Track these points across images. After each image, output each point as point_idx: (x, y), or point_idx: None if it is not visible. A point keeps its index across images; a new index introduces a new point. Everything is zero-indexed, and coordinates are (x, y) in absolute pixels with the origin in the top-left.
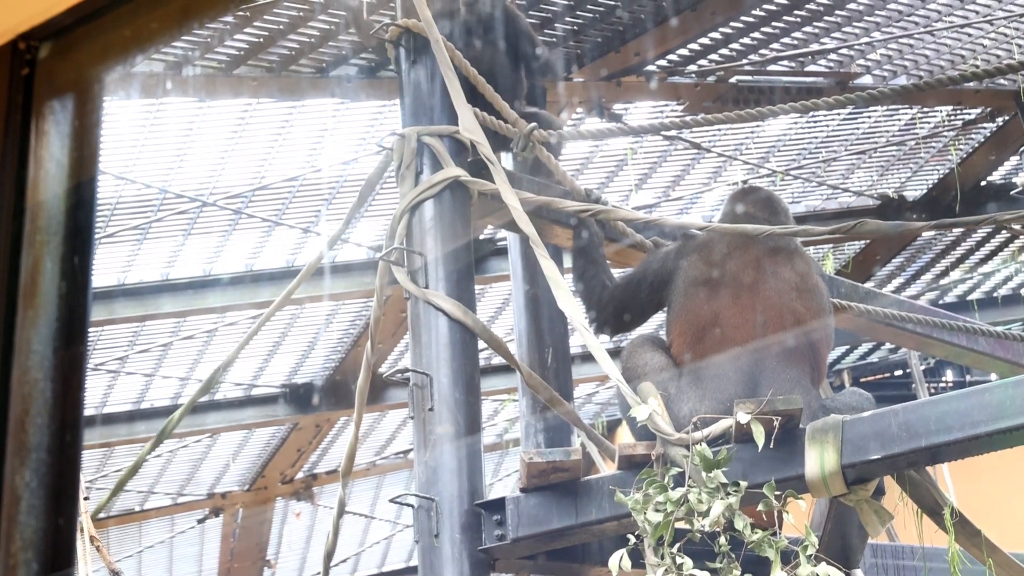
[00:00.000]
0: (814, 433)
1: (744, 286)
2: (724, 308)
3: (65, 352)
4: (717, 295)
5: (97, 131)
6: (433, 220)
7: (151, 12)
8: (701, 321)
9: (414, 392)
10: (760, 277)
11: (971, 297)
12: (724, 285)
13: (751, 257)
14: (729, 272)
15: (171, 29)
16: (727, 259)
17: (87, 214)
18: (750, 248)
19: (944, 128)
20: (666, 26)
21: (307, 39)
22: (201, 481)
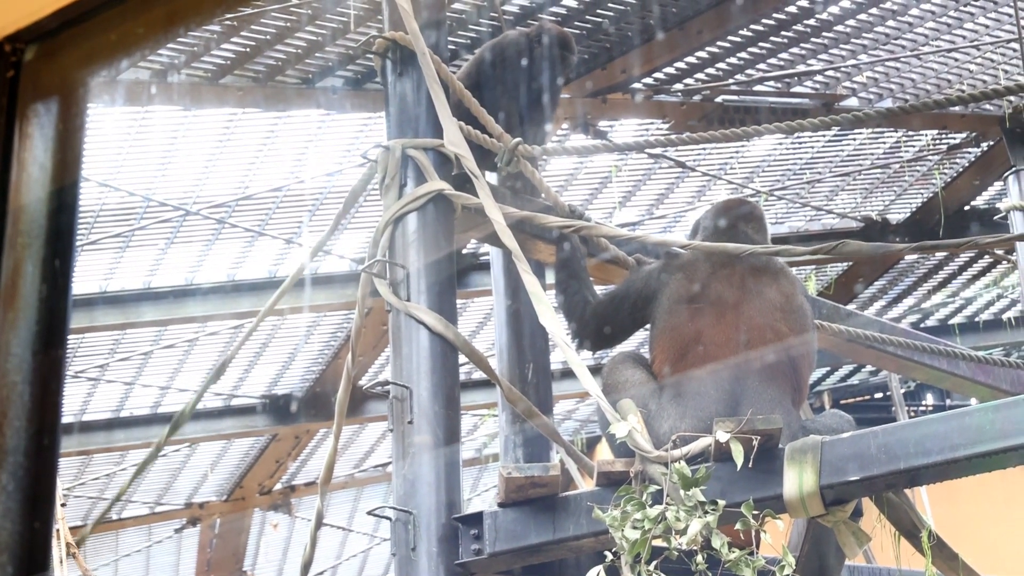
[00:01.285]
0: (793, 453)
1: (728, 305)
2: (708, 327)
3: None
4: (701, 313)
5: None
6: (416, 233)
7: (137, 17)
8: (684, 339)
9: (394, 404)
10: (745, 296)
11: (953, 321)
12: (709, 303)
13: (736, 276)
14: (714, 291)
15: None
16: (712, 278)
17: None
18: (736, 266)
19: (929, 152)
20: (653, 44)
21: (294, 50)
22: (179, 490)
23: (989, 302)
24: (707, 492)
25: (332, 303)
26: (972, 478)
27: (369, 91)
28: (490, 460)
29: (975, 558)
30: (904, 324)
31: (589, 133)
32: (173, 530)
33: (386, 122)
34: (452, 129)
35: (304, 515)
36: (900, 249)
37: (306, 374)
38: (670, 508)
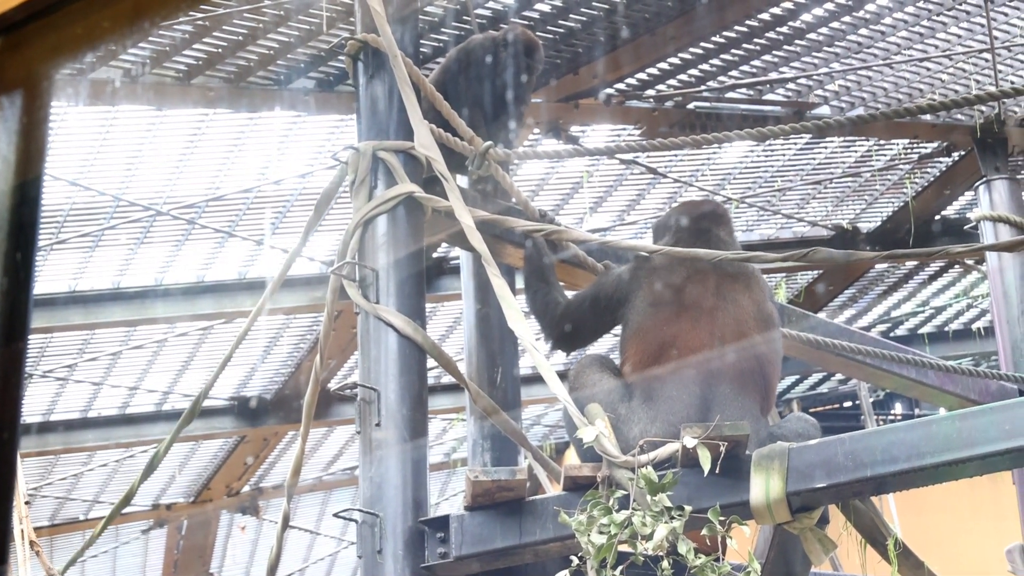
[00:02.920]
0: (760, 460)
1: (703, 310)
2: (682, 331)
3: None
4: (676, 318)
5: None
6: (386, 236)
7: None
8: (657, 342)
9: (361, 407)
10: (719, 303)
11: (922, 331)
12: (683, 308)
13: (711, 281)
14: (689, 295)
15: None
16: (687, 282)
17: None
18: (710, 271)
19: (900, 161)
20: (625, 50)
21: (265, 51)
22: (146, 491)
23: (959, 312)
24: (674, 498)
25: (301, 305)
26: (939, 487)
27: (340, 93)
28: (458, 464)
29: (941, 566)
30: (874, 333)
31: (561, 138)
32: (140, 531)
33: (357, 124)
34: (423, 132)
35: (272, 517)
36: (870, 257)
37: (275, 376)
38: (636, 513)
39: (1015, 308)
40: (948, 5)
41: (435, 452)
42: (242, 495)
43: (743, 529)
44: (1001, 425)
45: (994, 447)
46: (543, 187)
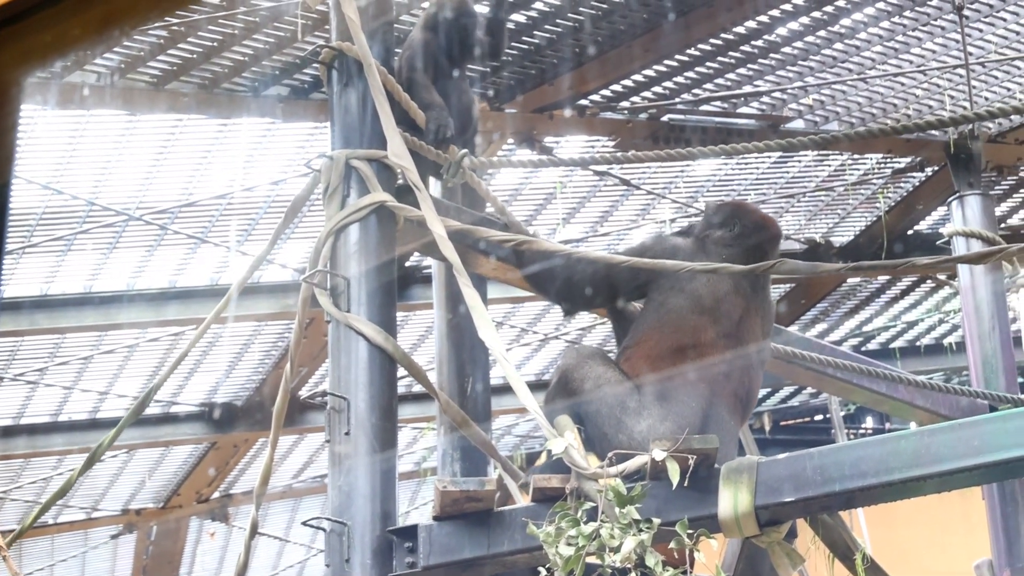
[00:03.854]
0: (729, 473)
1: (733, 321)
2: (712, 337)
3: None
4: (707, 325)
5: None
6: (358, 244)
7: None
8: (679, 342)
9: (331, 415)
10: (743, 324)
11: (894, 345)
12: (716, 319)
13: (742, 301)
14: (724, 307)
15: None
16: (726, 293)
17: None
18: (747, 291)
19: (873, 176)
20: (599, 61)
21: (240, 57)
22: (116, 496)
23: (930, 327)
24: (642, 510)
25: (274, 312)
26: (909, 502)
27: (314, 101)
28: (428, 474)
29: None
30: (845, 347)
31: (534, 148)
32: (109, 536)
33: (330, 132)
34: (396, 141)
35: (241, 524)
36: (837, 269)
37: (246, 383)
38: (605, 525)
39: (986, 323)
40: (923, 21)
41: (405, 461)
42: (212, 501)
43: (711, 542)
44: (970, 441)
45: (963, 463)
46: (516, 197)
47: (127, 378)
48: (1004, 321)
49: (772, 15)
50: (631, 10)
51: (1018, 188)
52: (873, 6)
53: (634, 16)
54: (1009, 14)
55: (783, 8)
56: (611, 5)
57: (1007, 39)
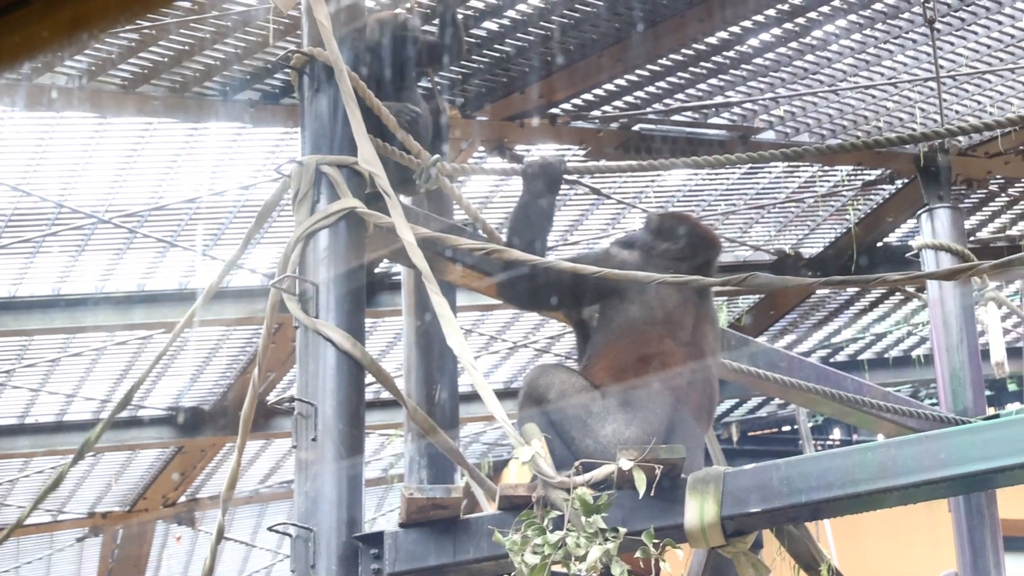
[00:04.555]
0: (695, 483)
1: (688, 330)
2: (672, 346)
3: None
4: (670, 331)
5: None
6: (327, 250)
7: (41, 20)
8: (640, 353)
9: (298, 421)
10: (697, 332)
11: (862, 357)
12: (672, 328)
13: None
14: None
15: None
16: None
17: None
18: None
19: (844, 187)
20: (570, 71)
21: (212, 61)
22: (82, 499)
23: (899, 339)
24: (608, 519)
25: (243, 317)
26: (876, 514)
27: (285, 106)
28: (395, 480)
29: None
30: (814, 358)
31: (505, 157)
32: (75, 539)
33: (301, 137)
34: (367, 147)
35: (208, 529)
36: (809, 283)
37: (214, 387)
38: (571, 534)
39: (954, 336)
40: (894, 34)
41: (372, 468)
42: (178, 506)
43: (677, 552)
44: (936, 454)
45: (929, 475)
46: (487, 205)
47: (94, 381)
48: (972, 334)
49: (744, 26)
50: (602, 19)
51: (987, 201)
52: (845, 18)
53: (605, 26)
54: (980, 27)
55: (755, 19)
56: (582, 14)
57: (978, 52)
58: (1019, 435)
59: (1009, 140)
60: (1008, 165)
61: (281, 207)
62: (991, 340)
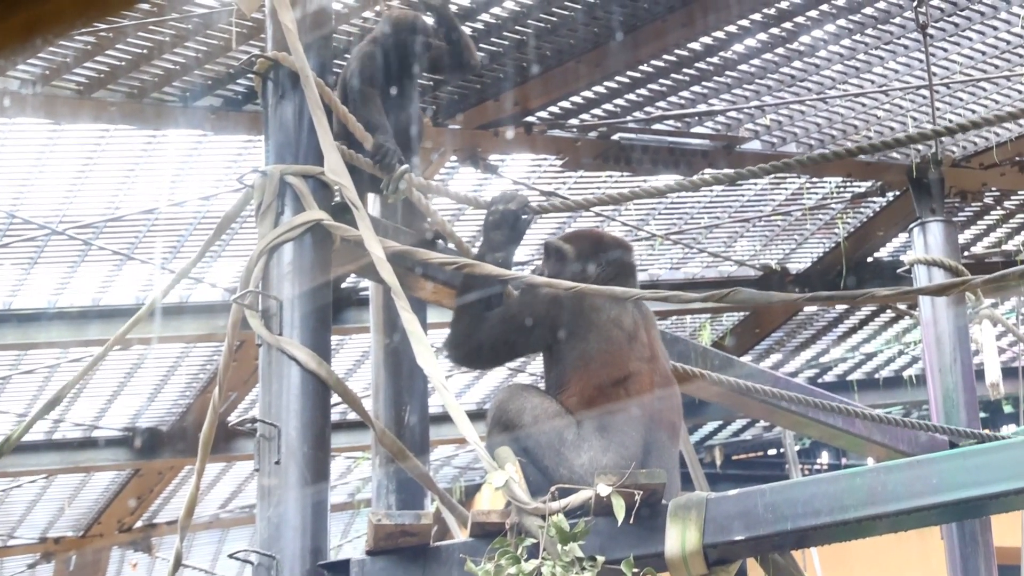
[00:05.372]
0: (676, 509)
1: (647, 345)
2: (638, 366)
3: None
4: (633, 350)
5: None
6: (292, 264)
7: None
8: (615, 373)
9: (261, 443)
10: (654, 345)
11: (851, 377)
12: (636, 343)
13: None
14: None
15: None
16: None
17: None
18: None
19: (832, 200)
20: (545, 77)
21: (171, 66)
22: (33, 524)
23: (890, 359)
24: (585, 547)
25: (203, 334)
26: (865, 542)
27: (248, 113)
28: (362, 505)
29: None
30: (801, 379)
31: (478, 166)
32: (26, 565)
33: (265, 146)
34: (334, 157)
35: (165, 555)
36: (794, 299)
37: (172, 407)
38: (546, 563)
39: (947, 356)
40: (885, 39)
41: (338, 492)
42: (134, 531)
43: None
44: (928, 479)
45: (920, 502)
46: (459, 217)
47: (47, 399)
48: (966, 353)
49: (728, 31)
50: (579, 24)
51: (982, 215)
52: (834, 23)
53: (583, 30)
54: (975, 33)
55: (739, 24)
56: (559, 18)
57: (972, 59)
58: (1014, 459)
59: (1004, 151)
60: (1004, 177)
61: (244, 219)
62: (986, 360)
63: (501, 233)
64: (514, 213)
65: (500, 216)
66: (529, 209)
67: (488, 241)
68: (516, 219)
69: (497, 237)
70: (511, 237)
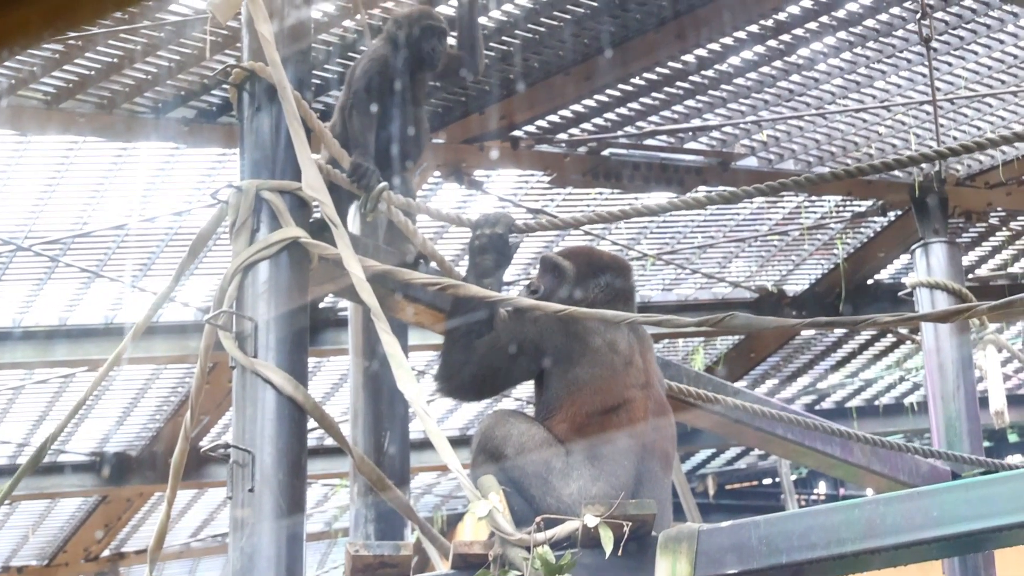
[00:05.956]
0: (667, 542)
1: (642, 370)
2: (634, 392)
3: None
4: (629, 375)
5: None
6: (267, 283)
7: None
8: (613, 397)
9: (234, 470)
10: (649, 370)
11: (850, 404)
12: (632, 367)
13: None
14: (632, 354)
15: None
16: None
17: None
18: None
19: (831, 219)
20: (534, 90)
21: (143, 76)
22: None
23: (891, 385)
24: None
25: (173, 355)
26: None
27: (223, 125)
28: (339, 535)
29: None
30: (797, 405)
31: (463, 182)
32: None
33: (240, 160)
34: (311, 172)
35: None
36: (793, 324)
37: (142, 431)
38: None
39: (951, 383)
40: (887, 53)
41: (315, 521)
42: (101, 560)
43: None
44: (928, 511)
45: (921, 535)
46: (443, 235)
47: (11, 423)
48: (970, 380)
49: (724, 43)
50: (568, 35)
51: (987, 236)
52: (833, 36)
53: (572, 42)
54: (980, 47)
55: (736, 36)
56: (548, 29)
57: (978, 74)
58: (1019, 491)
59: (1011, 169)
60: (1010, 196)
61: (218, 235)
62: (990, 387)
63: (489, 257)
64: (501, 237)
65: (488, 240)
66: (516, 230)
67: (475, 266)
68: (504, 242)
69: (485, 262)
70: (499, 261)
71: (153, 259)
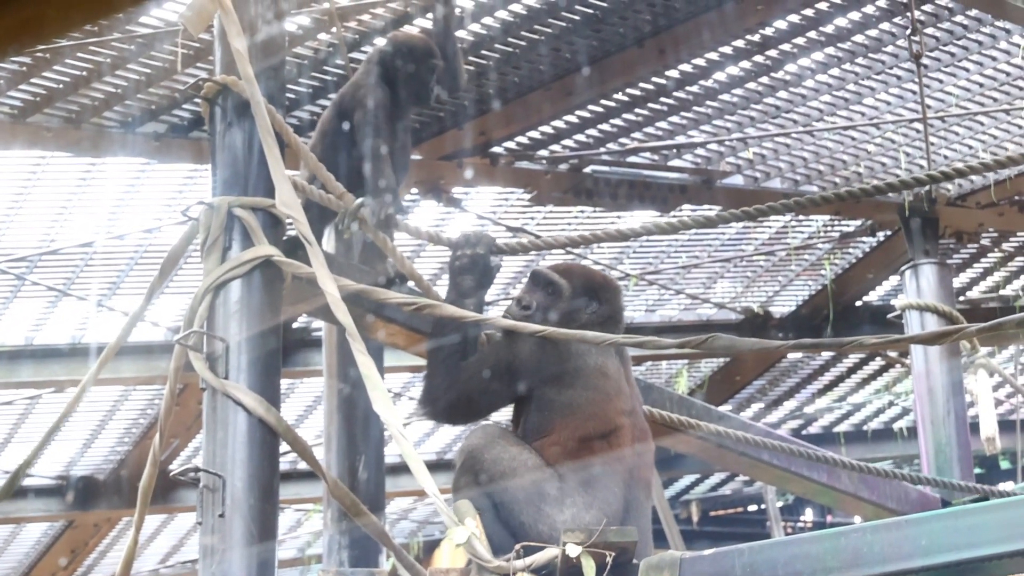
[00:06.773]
0: (648, 570)
1: (628, 395)
2: (623, 419)
3: None
4: (619, 401)
5: None
6: (239, 303)
7: None
8: (605, 423)
9: (204, 495)
10: (631, 387)
11: (838, 429)
12: (621, 392)
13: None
14: (620, 379)
15: None
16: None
17: None
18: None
19: (819, 239)
20: (512, 106)
21: (113, 89)
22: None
23: (879, 410)
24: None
25: (141, 376)
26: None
27: (194, 140)
28: (313, 561)
29: None
30: (783, 430)
31: (441, 200)
32: None
33: (212, 176)
34: (285, 188)
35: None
36: (777, 346)
37: (109, 454)
38: None
39: (940, 408)
40: (877, 69)
41: (287, 547)
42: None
43: None
44: (917, 540)
45: (909, 564)
46: (420, 254)
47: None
48: (960, 405)
49: (708, 59)
50: (548, 49)
51: (979, 257)
52: (821, 52)
53: (552, 56)
54: (972, 64)
55: (721, 51)
56: (527, 42)
57: (969, 92)
58: (1009, 519)
59: (1003, 189)
60: (1002, 217)
61: (188, 253)
62: (981, 412)
63: (470, 278)
64: (483, 257)
65: (468, 260)
66: (497, 250)
67: (456, 286)
68: (485, 263)
69: (465, 282)
70: (480, 282)
71: (122, 277)
